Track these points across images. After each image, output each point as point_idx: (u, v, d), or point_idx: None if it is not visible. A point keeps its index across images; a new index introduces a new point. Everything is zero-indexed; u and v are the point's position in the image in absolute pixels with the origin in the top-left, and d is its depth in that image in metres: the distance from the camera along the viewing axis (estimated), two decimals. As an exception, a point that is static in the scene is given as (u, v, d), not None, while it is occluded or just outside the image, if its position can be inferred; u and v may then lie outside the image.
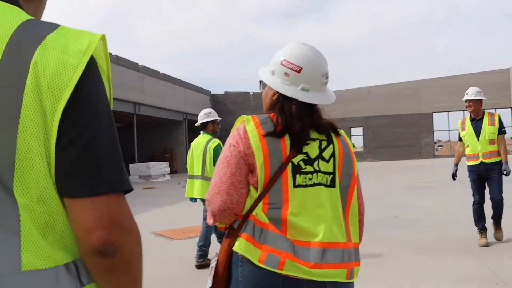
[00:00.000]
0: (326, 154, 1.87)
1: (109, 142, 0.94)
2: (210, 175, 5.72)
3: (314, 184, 1.82)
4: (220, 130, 6.50)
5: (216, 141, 6.13)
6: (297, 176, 1.80)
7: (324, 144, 1.87)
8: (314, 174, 1.82)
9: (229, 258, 1.82)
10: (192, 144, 6.41)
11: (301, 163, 1.81)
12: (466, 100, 6.79)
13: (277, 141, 1.79)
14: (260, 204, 1.78)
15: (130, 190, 0.97)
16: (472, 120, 6.79)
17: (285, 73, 1.89)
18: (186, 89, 34.97)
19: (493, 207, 6.63)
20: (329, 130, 1.91)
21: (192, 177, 6.24)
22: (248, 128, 1.82)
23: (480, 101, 6.75)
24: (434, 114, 37.90)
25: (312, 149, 1.84)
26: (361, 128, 39.09)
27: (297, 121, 1.82)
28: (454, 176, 7.11)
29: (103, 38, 0.97)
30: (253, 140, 1.79)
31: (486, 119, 6.67)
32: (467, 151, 6.79)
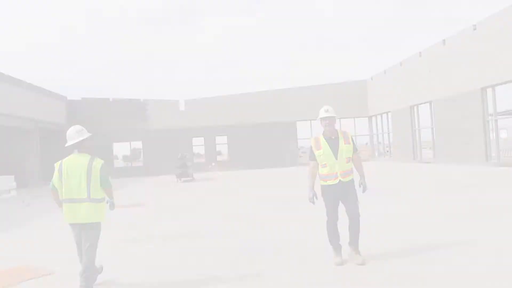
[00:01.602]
0: None
1: None
2: (98, 196, 5.68)
3: None
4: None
5: (100, 161, 5.80)
6: None
7: None
8: None
9: None
10: (64, 165, 5.70)
11: None
12: (326, 118, 6.39)
13: None
14: None
15: None
16: (327, 139, 6.41)
17: None
18: (37, 94, 31.90)
19: (354, 225, 6.37)
20: None
21: (73, 200, 5.66)
22: None
23: (335, 118, 6.45)
24: (297, 122, 38.71)
25: None
26: (226, 137, 38.75)
27: None
28: (313, 201, 6.48)
29: None
30: None
31: (341, 138, 6.40)
32: (324, 171, 6.40)
